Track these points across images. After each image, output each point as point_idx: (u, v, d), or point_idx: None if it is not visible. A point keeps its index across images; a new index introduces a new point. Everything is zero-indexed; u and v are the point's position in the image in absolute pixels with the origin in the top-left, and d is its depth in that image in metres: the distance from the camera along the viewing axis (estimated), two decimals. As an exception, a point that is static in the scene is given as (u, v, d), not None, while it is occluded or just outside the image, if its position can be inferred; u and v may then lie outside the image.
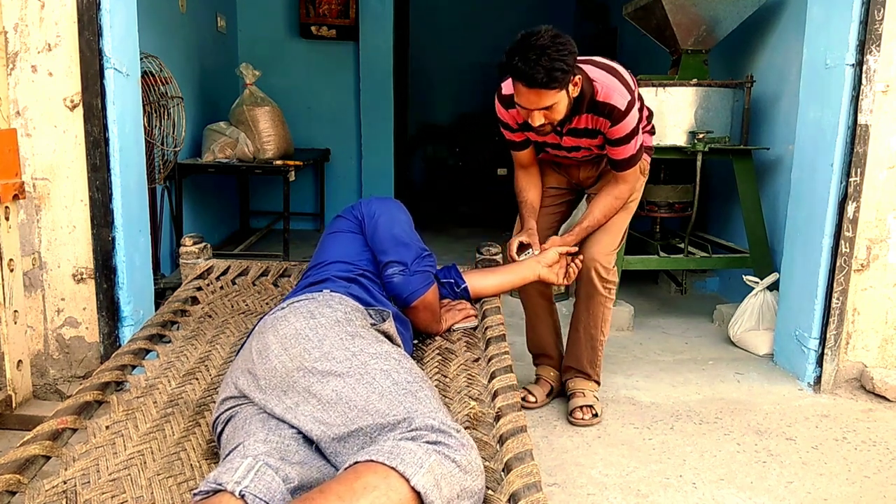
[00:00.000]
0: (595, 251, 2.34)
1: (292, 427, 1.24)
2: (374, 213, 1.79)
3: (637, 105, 2.16)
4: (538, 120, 2.07)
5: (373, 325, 1.49)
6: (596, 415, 2.39)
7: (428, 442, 1.10)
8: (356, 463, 1.07)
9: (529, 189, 2.43)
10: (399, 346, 1.54)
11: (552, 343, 2.63)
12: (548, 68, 1.92)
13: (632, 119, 2.13)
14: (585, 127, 2.20)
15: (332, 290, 1.57)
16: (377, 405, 1.20)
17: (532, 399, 2.53)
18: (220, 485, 1.08)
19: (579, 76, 2.06)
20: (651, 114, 2.44)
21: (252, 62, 4.30)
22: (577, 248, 2.31)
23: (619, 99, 2.10)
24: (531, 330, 2.65)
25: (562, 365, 2.58)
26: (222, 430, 1.31)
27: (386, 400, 1.20)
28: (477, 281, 2.10)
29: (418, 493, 1.04)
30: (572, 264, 2.24)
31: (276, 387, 1.28)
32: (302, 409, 1.24)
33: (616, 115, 2.11)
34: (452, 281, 2.06)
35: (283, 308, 1.46)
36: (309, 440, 1.23)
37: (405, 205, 1.92)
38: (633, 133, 2.16)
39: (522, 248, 2.32)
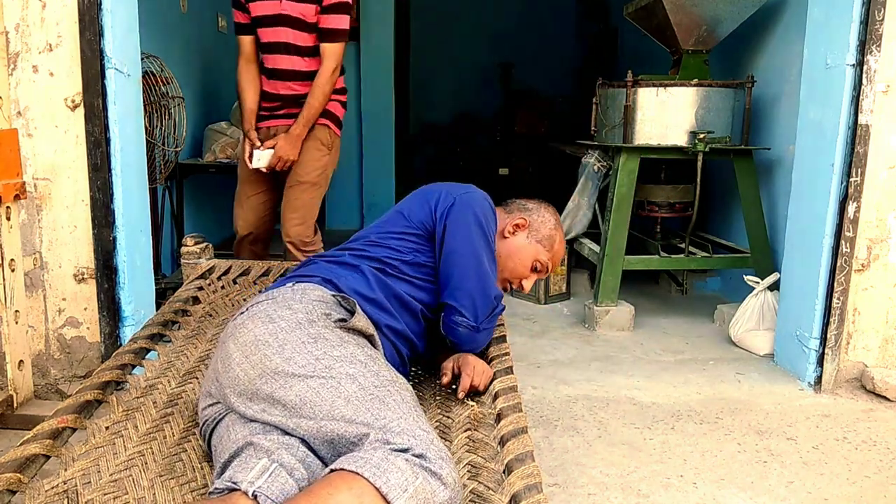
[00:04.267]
0: (288, 226, 2.81)
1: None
2: (452, 234, 1.61)
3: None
4: None
5: (340, 320, 1.39)
6: None
7: (415, 455, 1.07)
8: (339, 470, 1.04)
9: (249, 90, 2.82)
10: (372, 335, 1.43)
11: None
12: None
13: None
14: None
15: (297, 283, 1.48)
16: (343, 410, 1.16)
17: None
18: (235, 483, 1.08)
19: None
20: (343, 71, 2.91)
21: (253, 62, 4.30)
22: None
23: None
24: None
25: None
26: (211, 432, 1.31)
27: (352, 406, 1.16)
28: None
29: (381, 492, 1.00)
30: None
31: (242, 394, 1.25)
32: (269, 414, 1.22)
33: None
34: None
35: (242, 313, 1.41)
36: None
37: None
38: (346, 9, 2.71)
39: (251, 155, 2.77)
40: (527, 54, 7.33)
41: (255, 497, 1.06)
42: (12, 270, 2.25)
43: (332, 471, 1.06)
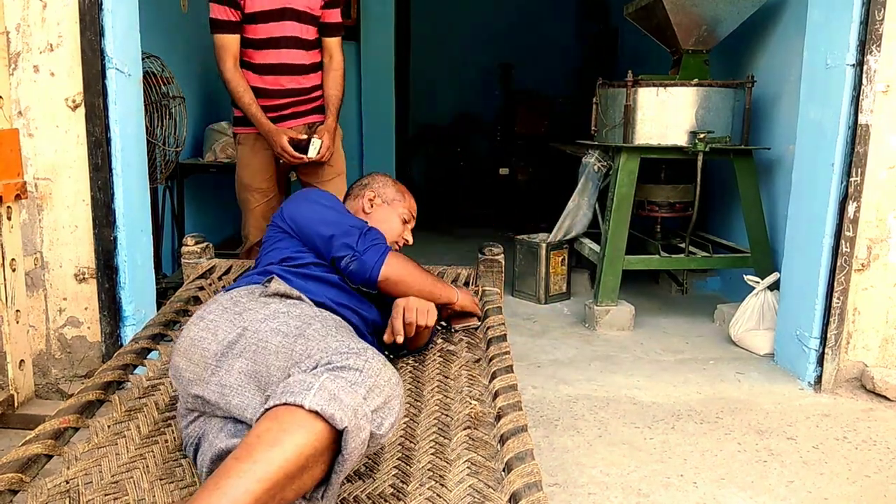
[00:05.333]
0: None
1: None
2: (293, 218, 1.76)
3: None
4: None
5: (262, 294, 1.47)
6: None
7: (320, 366, 1.10)
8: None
9: (249, 89, 2.71)
10: (300, 296, 1.50)
11: None
12: None
13: None
14: None
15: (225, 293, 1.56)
16: (275, 363, 1.21)
17: None
18: None
19: None
20: None
21: (253, 62, 4.30)
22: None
23: None
24: None
25: None
26: (195, 452, 1.32)
27: (282, 354, 1.21)
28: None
29: (318, 414, 1.02)
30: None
31: (197, 396, 1.29)
32: (226, 403, 1.25)
33: None
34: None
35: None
36: None
37: None
38: (341, 3, 2.80)
39: (298, 144, 2.70)
40: (527, 54, 7.33)
41: None
42: (13, 270, 2.25)
43: None
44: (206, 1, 2.70)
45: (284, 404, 1.03)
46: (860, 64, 2.46)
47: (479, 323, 1.98)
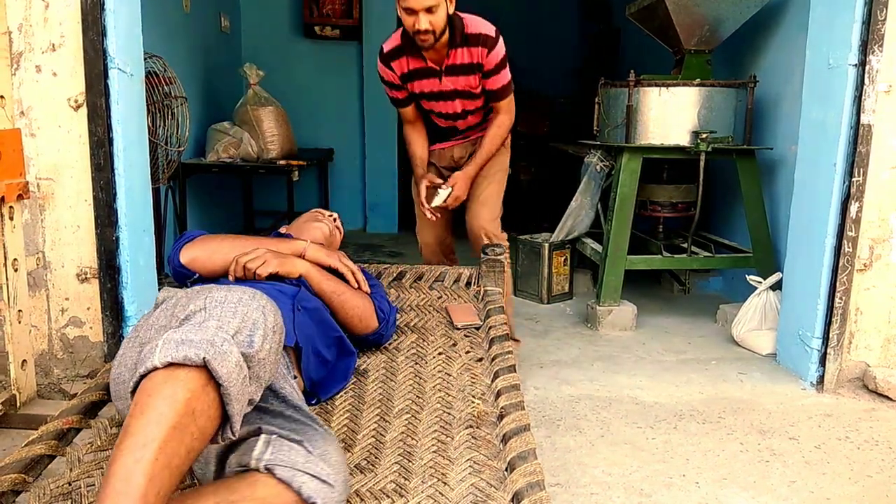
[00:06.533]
0: (483, 220, 2.72)
1: None
2: None
3: (501, 40, 2.59)
4: (423, 23, 2.38)
5: (155, 309, 1.45)
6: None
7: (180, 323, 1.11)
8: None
9: (417, 143, 2.82)
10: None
11: None
12: None
13: (501, 47, 2.57)
14: (462, 63, 2.56)
15: None
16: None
17: None
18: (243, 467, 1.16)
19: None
20: None
21: (256, 62, 4.31)
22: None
23: (488, 27, 2.56)
24: None
25: None
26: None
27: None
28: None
29: (173, 364, 1.00)
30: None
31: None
32: None
33: (489, 42, 2.53)
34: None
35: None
36: None
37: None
38: (505, 62, 2.61)
39: (430, 193, 2.72)
40: (527, 54, 7.32)
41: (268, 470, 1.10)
42: (15, 270, 2.25)
43: None
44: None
45: (141, 378, 1.02)
46: (862, 64, 2.46)
47: (482, 322, 1.98)
